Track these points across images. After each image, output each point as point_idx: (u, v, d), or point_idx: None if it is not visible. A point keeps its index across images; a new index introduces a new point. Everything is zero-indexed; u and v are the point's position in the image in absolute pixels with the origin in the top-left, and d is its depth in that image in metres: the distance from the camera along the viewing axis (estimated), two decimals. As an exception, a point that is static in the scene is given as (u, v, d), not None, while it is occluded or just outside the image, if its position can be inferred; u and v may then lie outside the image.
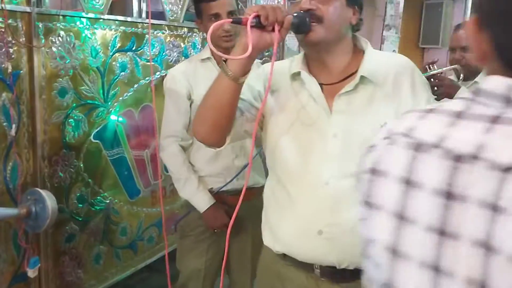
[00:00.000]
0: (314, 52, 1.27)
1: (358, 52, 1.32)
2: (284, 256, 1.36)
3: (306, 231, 1.28)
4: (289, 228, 1.31)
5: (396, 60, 1.34)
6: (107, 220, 2.32)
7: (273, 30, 1.11)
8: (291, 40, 6.24)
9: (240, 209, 2.11)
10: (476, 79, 2.30)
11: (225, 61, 1.18)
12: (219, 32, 1.94)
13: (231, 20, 1.11)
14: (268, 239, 1.40)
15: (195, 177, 2.01)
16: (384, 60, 1.31)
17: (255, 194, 2.14)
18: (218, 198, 2.06)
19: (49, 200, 1.77)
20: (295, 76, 1.30)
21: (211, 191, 2.05)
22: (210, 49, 2.01)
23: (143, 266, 2.57)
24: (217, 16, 1.92)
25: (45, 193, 1.79)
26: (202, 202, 2.00)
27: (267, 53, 3.31)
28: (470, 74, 2.30)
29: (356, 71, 1.28)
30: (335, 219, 1.25)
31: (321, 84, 1.29)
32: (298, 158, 1.29)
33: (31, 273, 1.83)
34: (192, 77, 2.01)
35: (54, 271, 2.06)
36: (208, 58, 2.02)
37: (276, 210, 1.35)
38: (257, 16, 1.08)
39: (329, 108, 1.27)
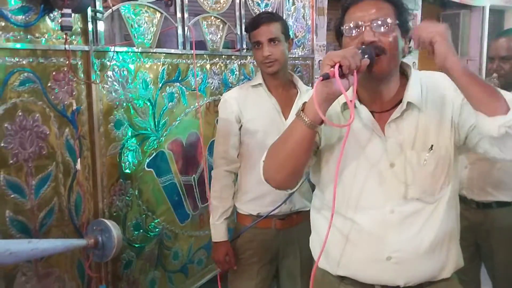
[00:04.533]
0: (374, 83, 1.30)
1: (403, 77, 1.37)
2: (343, 277, 1.40)
3: (374, 257, 1.32)
4: (355, 254, 1.34)
5: (435, 78, 1.37)
6: (161, 245, 2.39)
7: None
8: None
9: (288, 232, 2.19)
10: None
11: (303, 109, 1.21)
12: (259, 58, 2.03)
13: (321, 78, 1.12)
14: (324, 263, 1.42)
15: (223, 207, 2.10)
16: (425, 82, 1.35)
17: (303, 218, 2.20)
18: (267, 223, 2.11)
19: (114, 230, 1.85)
20: (346, 105, 1.34)
21: (259, 215, 2.11)
22: (262, 76, 2.11)
23: (194, 289, 2.63)
24: (258, 44, 2.01)
25: (110, 223, 1.87)
26: (215, 233, 2.09)
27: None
28: (507, 85, 2.20)
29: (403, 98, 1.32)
30: (402, 245, 1.30)
31: (372, 112, 1.33)
32: (359, 186, 1.32)
33: (99, 301, 1.90)
34: (242, 102, 2.09)
35: (114, 298, 2.13)
36: (259, 84, 2.11)
37: (336, 237, 1.36)
38: (340, 66, 1.11)
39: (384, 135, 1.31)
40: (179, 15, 2.41)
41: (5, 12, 1.67)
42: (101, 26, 2.02)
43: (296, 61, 3.43)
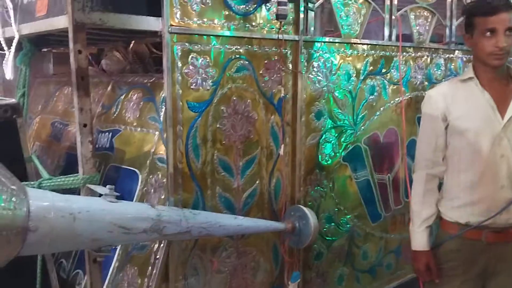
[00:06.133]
0: None
1: None
2: None
3: None
4: None
5: None
6: (351, 242, 2.33)
7: None
8: None
9: (502, 247, 1.90)
10: None
11: None
12: (490, 49, 1.79)
13: None
14: None
15: (425, 214, 1.93)
16: None
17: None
18: (476, 234, 1.88)
19: (312, 218, 1.86)
20: None
21: (468, 224, 1.88)
22: (474, 68, 1.89)
23: (380, 293, 2.51)
24: (493, 31, 1.78)
25: (307, 211, 1.88)
26: (416, 241, 1.93)
27: None
28: None
29: None
30: None
31: None
32: None
33: (293, 286, 1.92)
34: (450, 98, 1.90)
35: (303, 286, 2.14)
36: (470, 78, 1.89)
37: None
38: None
39: None
40: (387, 4, 2.32)
41: (229, 2, 1.80)
42: (311, 16, 2.04)
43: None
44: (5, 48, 2.00)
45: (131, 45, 2.41)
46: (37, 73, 2.90)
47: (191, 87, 1.74)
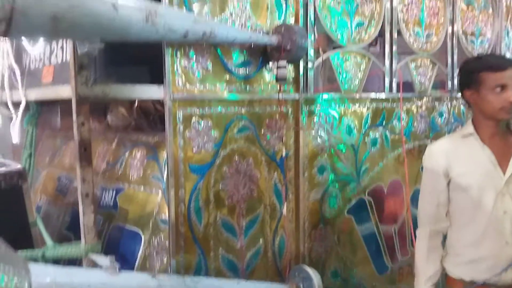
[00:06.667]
0: None
1: None
2: None
3: None
4: None
5: None
6: (358, 297, 2.30)
7: None
8: None
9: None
10: None
11: None
12: (501, 104, 1.79)
13: None
14: None
15: (430, 271, 1.91)
16: None
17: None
18: (481, 291, 1.85)
19: (316, 279, 1.84)
20: None
21: (473, 282, 1.85)
22: (473, 123, 1.89)
23: None
24: (503, 87, 1.78)
25: (312, 272, 1.86)
26: None
27: None
28: None
29: None
30: None
31: None
32: None
33: None
34: (452, 155, 1.89)
35: None
36: (470, 134, 1.89)
37: None
38: None
39: None
40: (387, 59, 2.35)
41: (230, 67, 1.84)
42: (311, 75, 2.07)
43: None
44: (13, 111, 2.05)
45: (137, 101, 2.46)
46: (45, 125, 2.95)
47: (193, 150, 1.76)
